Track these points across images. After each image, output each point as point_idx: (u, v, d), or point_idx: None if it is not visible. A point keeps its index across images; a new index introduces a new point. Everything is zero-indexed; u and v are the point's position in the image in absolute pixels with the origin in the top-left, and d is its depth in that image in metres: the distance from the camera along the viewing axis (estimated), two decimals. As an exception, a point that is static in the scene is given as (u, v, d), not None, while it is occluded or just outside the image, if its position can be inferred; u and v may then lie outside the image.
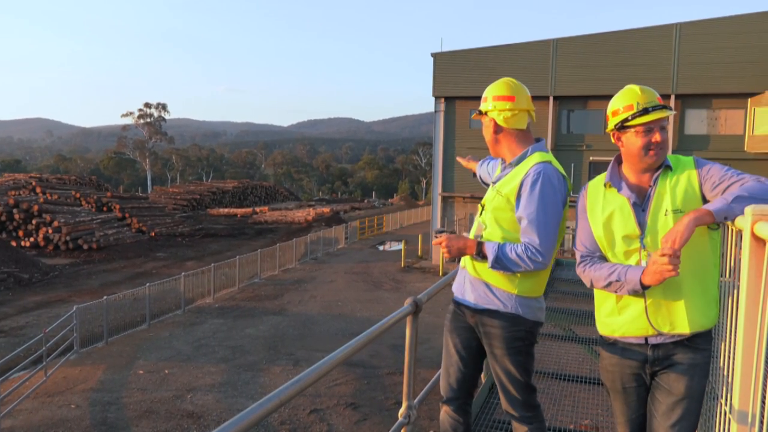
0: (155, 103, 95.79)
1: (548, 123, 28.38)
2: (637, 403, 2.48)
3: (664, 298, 2.30)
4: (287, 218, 49.21)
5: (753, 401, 1.83)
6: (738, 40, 25.09)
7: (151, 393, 12.46)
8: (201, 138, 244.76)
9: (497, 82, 2.88)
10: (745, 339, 1.86)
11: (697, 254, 2.26)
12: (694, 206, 2.24)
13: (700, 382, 2.31)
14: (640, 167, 2.39)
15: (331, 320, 18.68)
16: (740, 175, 2.17)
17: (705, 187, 2.26)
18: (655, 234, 2.32)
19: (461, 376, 2.89)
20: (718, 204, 2.10)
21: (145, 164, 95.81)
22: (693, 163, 2.33)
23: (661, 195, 2.33)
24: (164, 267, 28.67)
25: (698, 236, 2.21)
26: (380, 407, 11.81)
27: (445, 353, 2.96)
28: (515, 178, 2.71)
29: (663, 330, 2.31)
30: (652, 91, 2.40)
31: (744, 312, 1.88)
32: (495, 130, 2.84)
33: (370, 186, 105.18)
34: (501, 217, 2.72)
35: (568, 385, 5.41)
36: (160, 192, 63.01)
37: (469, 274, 2.83)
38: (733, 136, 26.47)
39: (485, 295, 2.76)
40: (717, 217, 2.09)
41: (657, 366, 2.37)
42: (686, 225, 2.10)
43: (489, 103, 2.84)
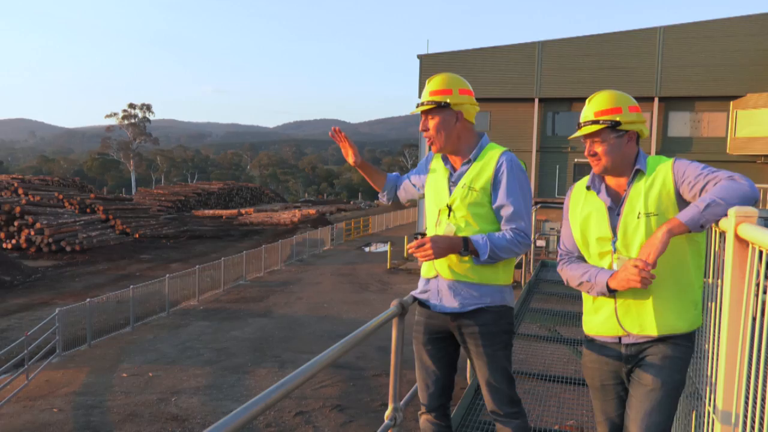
0: (140, 104, 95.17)
1: (533, 125, 28.54)
2: (616, 402, 2.51)
3: (634, 300, 2.35)
4: (273, 220, 49.02)
5: (736, 402, 1.84)
6: (720, 44, 25.39)
7: (136, 396, 12.35)
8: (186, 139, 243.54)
9: (451, 75, 2.74)
10: (729, 340, 1.88)
11: (672, 257, 2.26)
12: (670, 209, 2.26)
13: (672, 375, 2.29)
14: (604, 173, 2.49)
15: (318, 322, 18.62)
16: (715, 174, 2.16)
17: (682, 188, 2.26)
18: (626, 237, 2.35)
19: (441, 385, 2.86)
20: (690, 213, 2.09)
21: (129, 165, 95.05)
22: (671, 165, 2.33)
23: (634, 199, 2.35)
24: (149, 269, 28.44)
25: (675, 240, 2.21)
26: (366, 409, 11.79)
27: (420, 366, 2.88)
28: (485, 171, 2.70)
29: (632, 331, 2.37)
30: (603, 100, 2.40)
31: (727, 313, 1.90)
32: (460, 124, 2.73)
33: (356, 187, 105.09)
34: (478, 213, 2.68)
35: (553, 385, 5.43)
36: (144, 193, 62.47)
37: (445, 279, 2.73)
38: (716, 139, 26.78)
39: (471, 296, 2.71)
40: (691, 227, 2.09)
41: (631, 363, 2.41)
42: (660, 239, 2.13)
43: (456, 96, 2.69)
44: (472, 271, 2.69)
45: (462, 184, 2.71)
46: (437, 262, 2.72)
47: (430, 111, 2.73)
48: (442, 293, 2.75)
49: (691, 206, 2.12)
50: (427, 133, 2.75)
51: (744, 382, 1.80)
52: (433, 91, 2.72)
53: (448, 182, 2.78)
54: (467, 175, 2.72)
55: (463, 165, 2.78)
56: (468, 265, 2.68)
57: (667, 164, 2.35)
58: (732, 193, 2.03)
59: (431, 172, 2.92)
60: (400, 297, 2.77)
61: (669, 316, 2.31)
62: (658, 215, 2.28)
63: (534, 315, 7.77)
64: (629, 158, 2.41)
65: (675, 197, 2.28)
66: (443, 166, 2.83)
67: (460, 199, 2.69)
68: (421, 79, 29.30)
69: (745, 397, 1.81)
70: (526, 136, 28.84)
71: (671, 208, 2.27)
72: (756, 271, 1.78)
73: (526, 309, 8.10)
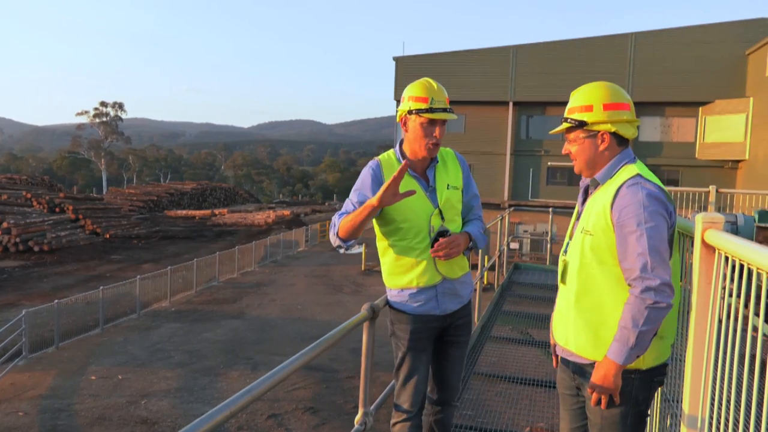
0: (112, 102, 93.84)
1: (508, 128, 28.76)
2: (570, 414, 2.46)
3: (565, 311, 2.35)
4: (247, 220, 48.63)
5: (702, 406, 1.86)
6: (690, 50, 25.86)
7: (104, 399, 12.14)
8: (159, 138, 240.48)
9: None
10: (695, 344, 1.90)
11: (594, 284, 2.21)
12: (603, 233, 2.16)
13: (615, 407, 2.20)
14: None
15: (291, 324, 18.52)
16: (643, 273, 2.03)
17: (615, 234, 2.14)
18: (572, 246, 2.31)
19: (425, 387, 2.93)
20: (623, 354, 2.05)
21: (100, 164, 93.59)
22: (614, 193, 2.16)
23: (588, 212, 2.28)
24: (119, 270, 28.01)
25: (597, 269, 2.18)
26: (339, 411, 11.74)
27: (419, 373, 2.84)
28: (454, 168, 2.93)
29: (559, 342, 2.39)
30: (580, 96, 2.34)
31: (694, 318, 1.92)
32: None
33: (331, 188, 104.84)
34: (458, 209, 2.86)
35: (525, 388, 5.46)
36: (115, 193, 61.49)
37: (451, 280, 2.80)
38: (685, 144, 27.26)
39: (466, 289, 2.91)
40: (629, 363, 2.08)
41: (579, 379, 2.35)
42: (611, 384, 2.10)
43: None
44: (463, 265, 2.89)
45: (445, 186, 2.79)
46: (443, 267, 2.78)
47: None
48: (448, 295, 2.82)
49: (619, 343, 2.06)
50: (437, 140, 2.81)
51: (710, 386, 1.82)
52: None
53: (422, 188, 2.78)
54: (442, 177, 2.81)
55: (429, 170, 2.83)
56: (462, 261, 2.87)
57: (616, 183, 2.19)
58: (644, 326, 2.01)
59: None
60: (374, 299, 2.77)
61: (588, 340, 2.24)
62: (593, 235, 2.19)
63: (506, 318, 7.81)
64: (599, 161, 2.26)
65: (610, 222, 2.15)
66: (407, 176, 2.78)
67: (451, 200, 2.81)
68: (396, 80, 29.34)
69: (710, 400, 1.83)
70: (500, 139, 29.05)
71: (604, 230, 2.16)
72: (722, 277, 1.80)
73: (498, 312, 8.14)
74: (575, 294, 2.25)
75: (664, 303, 1.98)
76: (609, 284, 2.16)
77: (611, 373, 2.09)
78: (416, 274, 2.77)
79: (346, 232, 2.70)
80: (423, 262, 2.76)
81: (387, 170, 2.82)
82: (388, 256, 2.85)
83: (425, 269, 2.76)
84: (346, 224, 2.69)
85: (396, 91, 29.15)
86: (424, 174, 2.81)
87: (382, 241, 2.85)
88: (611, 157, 2.25)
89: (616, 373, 2.09)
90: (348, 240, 2.74)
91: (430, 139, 2.72)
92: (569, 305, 2.29)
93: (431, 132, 2.71)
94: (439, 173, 2.82)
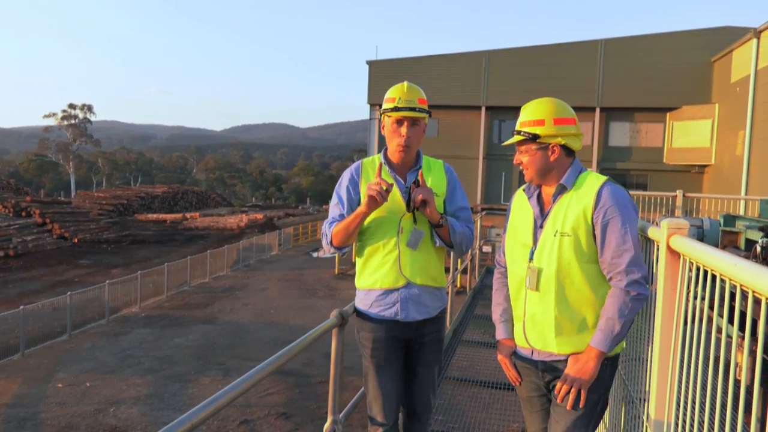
0: (80, 104, 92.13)
1: (480, 132, 28.97)
2: (541, 415, 2.51)
3: (541, 315, 2.36)
4: (219, 224, 48.15)
5: (668, 410, 1.88)
6: (658, 57, 26.34)
7: (71, 407, 11.89)
8: (129, 141, 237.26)
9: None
10: (661, 349, 1.92)
11: (574, 282, 2.29)
12: (582, 230, 2.27)
13: (587, 396, 2.28)
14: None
15: (264, 328, 18.36)
16: (629, 267, 2.19)
17: (596, 235, 2.26)
18: (541, 251, 2.37)
19: (398, 397, 2.85)
20: (608, 342, 2.21)
21: (68, 167, 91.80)
22: (596, 191, 2.29)
23: (556, 215, 2.36)
24: (88, 275, 27.50)
25: (577, 268, 2.27)
26: (312, 416, 11.67)
27: (380, 383, 2.79)
28: (439, 178, 2.93)
29: (536, 347, 2.40)
30: (531, 110, 2.43)
31: (660, 322, 1.94)
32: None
33: (305, 192, 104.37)
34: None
35: (497, 391, 5.49)
36: (84, 196, 60.36)
37: (416, 286, 2.75)
38: (654, 149, 27.75)
39: (435, 300, 2.83)
40: (609, 350, 2.24)
41: (548, 376, 2.42)
42: (590, 374, 2.23)
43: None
44: (435, 276, 2.81)
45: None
46: (408, 270, 2.73)
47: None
48: (412, 301, 2.76)
49: (603, 332, 2.21)
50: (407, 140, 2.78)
51: (675, 391, 1.85)
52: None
53: (400, 192, 2.78)
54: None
55: (410, 174, 2.83)
56: (433, 270, 2.78)
57: (593, 186, 2.32)
58: (628, 316, 2.19)
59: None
60: (348, 302, 2.77)
61: (570, 336, 2.32)
62: (571, 236, 2.29)
63: (478, 322, 7.85)
64: (558, 170, 2.39)
65: (590, 222, 2.28)
66: (387, 176, 2.82)
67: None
68: (370, 84, 29.35)
69: (676, 405, 1.85)
70: (473, 143, 29.24)
71: (584, 229, 2.28)
72: (687, 282, 1.83)
73: (470, 316, 8.18)
74: (554, 296, 2.31)
75: (645, 295, 2.20)
76: (586, 281, 2.29)
77: (594, 362, 2.23)
78: (381, 275, 2.75)
79: (340, 240, 2.75)
80: (388, 263, 2.74)
81: (365, 172, 2.84)
82: (360, 255, 2.85)
83: (389, 270, 2.74)
84: (338, 232, 2.72)
85: (369, 94, 29.15)
86: (405, 177, 2.83)
87: (357, 241, 2.85)
88: (562, 166, 2.40)
89: (597, 361, 2.22)
90: (343, 248, 2.79)
91: (398, 138, 2.72)
92: (547, 309, 2.33)
93: (399, 131, 2.73)
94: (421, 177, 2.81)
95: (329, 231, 2.78)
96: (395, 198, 2.75)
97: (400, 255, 2.73)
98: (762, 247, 3.54)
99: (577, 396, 2.25)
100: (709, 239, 4.81)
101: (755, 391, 1.33)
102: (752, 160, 20.72)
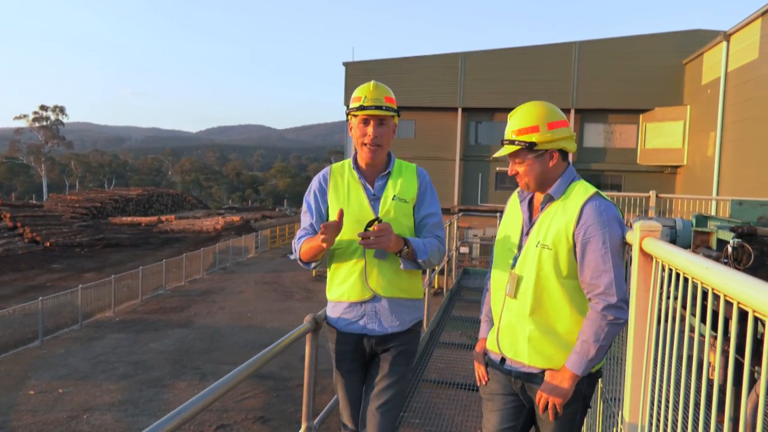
0: (52, 106, 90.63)
1: (457, 134, 29.09)
2: (501, 414, 2.45)
3: (515, 324, 2.32)
4: (195, 227, 47.68)
5: (642, 413, 1.89)
6: (631, 59, 26.70)
7: (43, 415, 11.67)
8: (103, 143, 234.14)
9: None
10: (635, 352, 1.93)
11: (551, 296, 2.25)
12: (563, 245, 2.22)
13: (566, 407, 2.26)
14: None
15: (240, 332, 18.22)
16: (607, 289, 2.15)
17: (577, 253, 2.21)
18: (524, 260, 2.32)
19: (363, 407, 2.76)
20: (582, 365, 2.18)
21: (40, 170, 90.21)
22: (580, 206, 2.22)
23: (541, 225, 2.31)
24: (60, 279, 27.04)
25: (555, 282, 2.23)
26: (290, 420, 11.60)
27: (350, 392, 2.73)
28: (409, 183, 2.78)
29: (507, 355, 2.37)
30: (522, 117, 2.34)
31: (633, 325, 1.95)
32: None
33: (282, 194, 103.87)
34: (403, 223, 2.68)
35: (475, 393, 5.50)
36: (56, 199, 59.35)
37: (384, 298, 2.63)
38: (627, 150, 28.11)
39: (407, 313, 2.70)
40: (585, 373, 2.21)
41: (520, 382, 2.37)
42: (564, 393, 2.20)
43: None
44: (406, 287, 2.68)
45: (390, 196, 2.67)
46: (375, 283, 2.62)
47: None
48: (381, 314, 2.64)
49: (579, 355, 2.18)
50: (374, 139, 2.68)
51: (649, 393, 1.86)
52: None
53: (368, 197, 2.69)
54: (389, 188, 2.70)
55: (379, 179, 2.73)
56: (403, 281, 2.66)
57: (579, 200, 2.25)
58: (604, 340, 2.15)
59: (345, 192, 2.72)
60: (324, 306, 2.72)
61: (542, 350, 2.27)
62: (551, 250, 2.23)
63: (455, 323, 7.86)
64: (549, 178, 2.32)
65: (571, 238, 2.22)
66: (355, 181, 2.73)
67: (394, 211, 2.66)
68: (346, 86, 29.31)
69: (650, 408, 1.86)
70: (450, 144, 29.34)
71: (564, 245, 2.22)
72: (660, 284, 1.84)
73: (447, 317, 8.19)
74: (530, 307, 2.26)
75: (623, 319, 2.13)
76: (565, 296, 2.23)
77: (567, 382, 2.19)
78: (347, 287, 2.66)
79: (308, 259, 2.68)
80: (354, 274, 2.64)
81: (334, 179, 2.75)
82: (330, 265, 2.77)
83: (355, 283, 2.64)
84: (305, 253, 2.67)
85: (346, 96, 29.11)
86: (373, 184, 2.73)
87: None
88: (559, 173, 2.32)
89: (572, 382, 2.19)
90: (310, 263, 2.72)
91: (365, 138, 2.63)
92: (522, 318, 2.28)
93: (365, 131, 2.63)
94: (389, 183, 2.72)
95: (297, 246, 2.71)
96: (363, 207, 2.66)
97: (366, 266, 2.63)
98: (733, 247, 3.58)
99: (555, 408, 2.24)
100: (681, 239, 4.87)
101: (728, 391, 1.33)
102: (723, 161, 21.09)
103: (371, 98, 2.61)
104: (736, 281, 1.22)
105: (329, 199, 2.73)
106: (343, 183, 2.74)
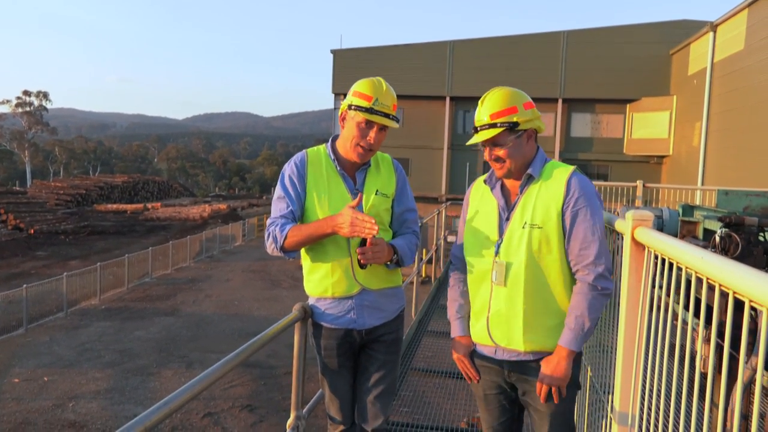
0: (36, 91, 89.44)
1: (445, 123, 29.05)
2: (499, 410, 2.45)
3: (506, 312, 2.27)
4: (181, 215, 47.41)
5: (633, 403, 1.90)
6: (618, 49, 26.75)
7: (28, 403, 11.60)
8: (88, 129, 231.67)
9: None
10: (626, 341, 1.93)
11: (544, 275, 2.22)
12: (553, 221, 2.20)
13: (566, 392, 2.25)
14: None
15: (227, 320, 18.18)
16: (596, 259, 2.14)
17: (566, 226, 2.20)
18: (510, 244, 2.27)
19: (352, 399, 2.75)
20: (578, 340, 2.16)
21: (24, 156, 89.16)
22: (565, 180, 2.22)
23: (524, 206, 2.27)
24: (45, 267, 26.81)
25: (547, 261, 2.21)
26: (277, 408, 11.62)
27: (339, 385, 2.69)
28: (389, 177, 2.72)
29: (500, 344, 2.31)
30: (497, 100, 2.33)
31: (624, 315, 1.95)
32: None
33: (269, 182, 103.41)
34: (384, 218, 2.63)
35: (462, 381, 5.51)
36: (40, 186, 58.75)
37: (372, 291, 2.58)
38: (614, 139, 28.22)
39: (393, 302, 2.67)
40: (579, 349, 2.19)
41: (514, 376, 2.34)
42: (564, 373, 2.17)
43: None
44: (392, 278, 2.66)
45: (373, 191, 2.59)
46: (362, 276, 2.56)
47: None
48: (369, 306, 2.60)
49: (573, 331, 2.15)
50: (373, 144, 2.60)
51: (640, 383, 1.86)
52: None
53: (349, 190, 2.60)
54: (372, 181, 2.62)
55: (360, 172, 2.64)
56: (388, 272, 2.62)
57: (562, 175, 2.24)
58: (597, 312, 2.15)
59: (325, 183, 2.62)
60: (302, 301, 2.68)
61: (536, 334, 2.24)
62: (542, 228, 2.21)
63: (443, 312, 7.87)
64: (529, 158, 2.30)
65: (560, 212, 2.20)
66: (335, 173, 2.62)
67: (377, 208, 2.58)
68: (334, 74, 29.14)
69: (641, 397, 1.86)
70: (438, 133, 29.31)
71: (555, 221, 2.20)
72: (652, 273, 1.84)
73: (435, 306, 8.20)
74: (524, 291, 2.21)
75: (610, 289, 2.14)
76: (556, 273, 2.22)
77: (565, 361, 2.16)
78: (331, 282, 2.57)
79: (295, 246, 2.52)
80: (339, 270, 2.55)
81: (312, 166, 2.62)
82: (306, 260, 2.66)
83: (342, 277, 2.56)
84: (297, 239, 2.48)
85: (334, 84, 28.94)
86: (354, 175, 2.63)
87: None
88: (534, 153, 2.33)
89: (569, 360, 2.16)
90: (293, 252, 2.57)
91: (363, 141, 2.52)
92: (515, 304, 2.24)
93: (366, 134, 2.51)
94: (370, 177, 2.63)
95: (280, 234, 2.50)
96: (345, 200, 2.54)
97: (353, 260, 2.54)
98: (721, 237, 3.60)
99: (558, 392, 2.21)
100: (668, 229, 4.89)
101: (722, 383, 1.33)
102: (708, 151, 21.23)
103: (382, 102, 2.51)
104: (732, 271, 1.22)
105: (308, 188, 2.61)
106: (321, 173, 2.62)
